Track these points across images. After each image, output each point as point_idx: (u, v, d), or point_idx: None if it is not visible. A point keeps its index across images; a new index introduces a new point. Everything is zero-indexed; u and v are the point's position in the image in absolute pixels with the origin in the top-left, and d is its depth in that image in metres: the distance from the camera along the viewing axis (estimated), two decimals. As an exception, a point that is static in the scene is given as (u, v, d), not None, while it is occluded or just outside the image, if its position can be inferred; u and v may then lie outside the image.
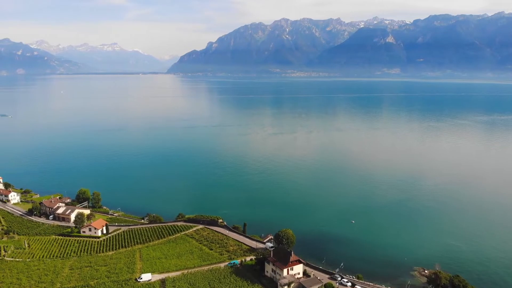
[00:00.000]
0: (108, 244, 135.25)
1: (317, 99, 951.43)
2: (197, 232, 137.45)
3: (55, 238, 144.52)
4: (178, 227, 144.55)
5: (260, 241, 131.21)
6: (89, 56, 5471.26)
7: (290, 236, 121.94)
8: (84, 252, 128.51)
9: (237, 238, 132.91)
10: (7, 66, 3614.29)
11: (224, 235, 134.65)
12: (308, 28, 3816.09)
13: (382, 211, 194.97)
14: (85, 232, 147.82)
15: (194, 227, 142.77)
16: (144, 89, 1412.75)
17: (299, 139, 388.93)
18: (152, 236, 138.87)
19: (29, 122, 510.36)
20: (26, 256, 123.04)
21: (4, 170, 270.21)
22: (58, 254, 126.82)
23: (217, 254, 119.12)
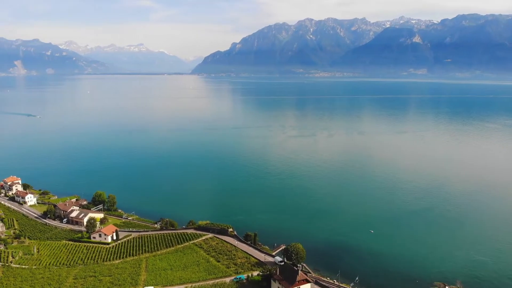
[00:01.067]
0: (116, 252, 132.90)
1: (340, 100, 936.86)
2: (206, 242, 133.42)
3: (65, 243, 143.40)
4: (188, 235, 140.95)
5: (269, 254, 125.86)
6: (116, 57, 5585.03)
7: (299, 251, 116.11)
8: (91, 259, 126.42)
9: (246, 249, 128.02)
10: (37, 66, 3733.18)
11: (233, 245, 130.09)
12: (332, 28, 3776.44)
13: (403, 221, 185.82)
14: (95, 238, 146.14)
15: (203, 236, 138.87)
16: (167, 89, 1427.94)
17: (319, 142, 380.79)
18: (160, 244, 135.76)
19: (55, 123, 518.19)
20: (33, 263, 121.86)
21: (25, 170, 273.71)
22: (65, 261, 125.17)
23: (223, 267, 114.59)
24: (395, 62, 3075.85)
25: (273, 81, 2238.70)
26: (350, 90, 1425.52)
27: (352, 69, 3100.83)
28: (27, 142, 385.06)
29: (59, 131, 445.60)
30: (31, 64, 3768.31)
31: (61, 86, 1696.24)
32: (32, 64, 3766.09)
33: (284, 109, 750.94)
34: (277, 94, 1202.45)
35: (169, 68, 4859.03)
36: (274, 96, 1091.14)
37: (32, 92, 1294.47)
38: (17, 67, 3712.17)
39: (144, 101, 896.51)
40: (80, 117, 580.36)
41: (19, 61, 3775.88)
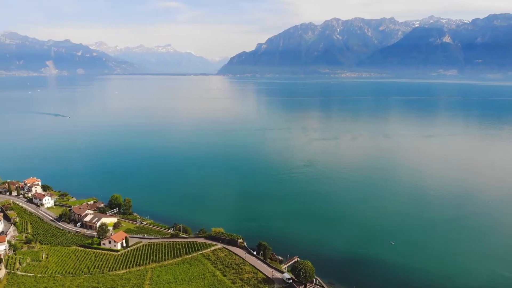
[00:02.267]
0: (123, 260, 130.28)
1: (366, 102, 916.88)
2: (214, 253, 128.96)
3: (75, 249, 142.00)
4: (197, 245, 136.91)
5: (278, 270, 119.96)
6: (145, 58, 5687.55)
7: (308, 269, 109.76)
8: (97, 268, 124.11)
9: (254, 263, 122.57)
10: (68, 66, 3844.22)
11: (241, 258, 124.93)
12: (360, 28, 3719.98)
13: (427, 232, 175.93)
14: (105, 245, 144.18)
15: (212, 246, 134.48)
16: (192, 90, 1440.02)
17: (341, 146, 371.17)
18: (169, 254, 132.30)
19: (83, 123, 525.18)
20: (39, 270, 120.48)
21: (47, 171, 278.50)
22: (71, 269, 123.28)
23: (229, 282, 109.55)
24: (424, 62, 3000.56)
25: (298, 82, 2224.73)
26: (377, 91, 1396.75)
27: (379, 69, 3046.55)
28: (54, 142, 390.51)
29: (85, 132, 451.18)
30: (62, 64, 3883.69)
31: (91, 86, 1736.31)
32: (63, 64, 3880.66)
33: (307, 110, 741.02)
34: (301, 95, 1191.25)
35: (196, 69, 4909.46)
36: (298, 97, 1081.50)
37: (62, 92, 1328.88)
38: (48, 67, 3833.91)
39: (168, 102, 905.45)
40: (106, 117, 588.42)
41: (51, 61, 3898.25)
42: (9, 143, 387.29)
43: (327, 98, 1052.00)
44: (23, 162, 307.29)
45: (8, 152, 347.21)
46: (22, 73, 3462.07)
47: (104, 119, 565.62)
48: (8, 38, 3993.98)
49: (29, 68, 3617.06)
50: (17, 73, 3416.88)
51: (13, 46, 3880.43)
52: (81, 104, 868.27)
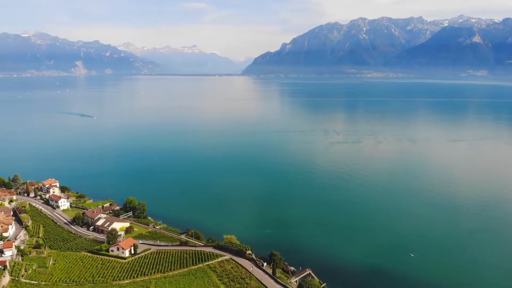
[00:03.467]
0: (129, 269, 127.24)
1: (393, 103, 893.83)
2: (221, 265, 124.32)
3: (83, 255, 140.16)
4: (205, 255, 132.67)
5: (285, 286, 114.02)
6: (171, 58, 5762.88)
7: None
8: (102, 277, 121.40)
9: (261, 277, 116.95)
10: (96, 67, 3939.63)
11: (248, 271, 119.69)
12: (386, 27, 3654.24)
13: (452, 245, 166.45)
14: (113, 251, 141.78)
15: (220, 257, 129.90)
16: (216, 90, 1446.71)
17: (363, 150, 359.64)
18: (175, 264, 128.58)
19: (109, 124, 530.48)
20: (44, 277, 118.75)
21: (67, 172, 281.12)
22: (76, 277, 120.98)
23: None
24: (453, 63, 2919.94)
25: (323, 82, 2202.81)
26: (404, 91, 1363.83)
27: (407, 69, 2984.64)
28: (78, 143, 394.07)
29: (110, 133, 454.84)
30: (91, 64, 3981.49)
31: (118, 86, 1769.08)
32: (92, 65, 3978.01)
33: (330, 112, 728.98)
34: (325, 95, 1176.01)
35: (220, 69, 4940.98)
36: (322, 98, 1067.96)
37: (91, 92, 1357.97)
38: (78, 67, 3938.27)
39: (191, 102, 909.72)
40: (131, 118, 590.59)
41: (80, 61, 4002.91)
42: (33, 143, 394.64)
43: (352, 99, 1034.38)
44: (45, 163, 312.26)
45: (32, 152, 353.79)
46: (53, 73, 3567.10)
47: (129, 120, 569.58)
48: (39, 39, 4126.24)
49: (59, 68, 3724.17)
50: (47, 73, 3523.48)
51: (44, 47, 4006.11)
52: (108, 104, 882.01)
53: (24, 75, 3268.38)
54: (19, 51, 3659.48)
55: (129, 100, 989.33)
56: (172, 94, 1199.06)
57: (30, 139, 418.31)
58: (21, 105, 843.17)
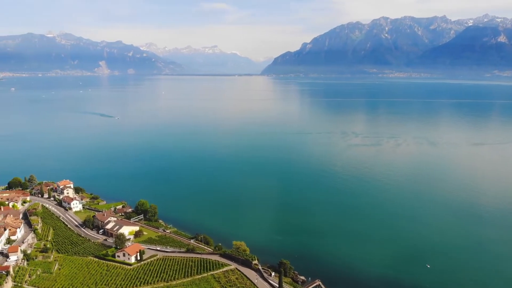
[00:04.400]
0: (133, 277, 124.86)
1: (415, 104, 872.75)
2: (225, 275, 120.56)
3: (90, 260, 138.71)
4: (210, 264, 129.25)
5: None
6: (192, 58, 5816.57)
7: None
8: (105, 284, 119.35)
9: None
10: (119, 66, 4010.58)
11: (252, 283, 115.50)
12: (409, 27, 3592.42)
13: (472, 255, 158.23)
14: (119, 257, 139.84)
15: (225, 267, 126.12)
16: (234, 91, 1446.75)
17: (382, 153, 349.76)
18: (179, 272, 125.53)
19: (129, 125, 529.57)
20: (47, 284, 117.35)
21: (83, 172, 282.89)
22: (80, 283, 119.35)
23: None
24: (478, 63, 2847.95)
25: (343, 82, 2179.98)
26: (427, 92, 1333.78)
27: (430, 69, 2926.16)
28: (97, 143, 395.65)
29: (130, 134, 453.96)
30: (114, 64, 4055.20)
31: (140, 86, 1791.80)
32: (115, 64, 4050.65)
33: (350, 113, 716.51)
34: (345, 96, 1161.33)
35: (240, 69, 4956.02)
36: (342, 98, 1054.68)
37: (113, 92, 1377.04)
38: (101, 67, 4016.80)
39: (209, 103, 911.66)
40: (151, 119, 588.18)
41: (103, 61, 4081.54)
42: (52, 143, 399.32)
43: (372, 100, 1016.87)
44: (62, 163, 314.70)
45: (50, 152, 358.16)
46: (77, 72, 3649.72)
47: (148, 121, 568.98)
48: (63, 39, 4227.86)
49: (83, 67, 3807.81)
50: (71, 73, 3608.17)
51: (68, 47, 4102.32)
52: (129, 104, 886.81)
53: (49, 74, 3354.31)
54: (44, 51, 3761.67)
55: (150, 100, 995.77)
56: (192, 95, 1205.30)
57: (50, 138, 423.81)
58: (44, 104, 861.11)
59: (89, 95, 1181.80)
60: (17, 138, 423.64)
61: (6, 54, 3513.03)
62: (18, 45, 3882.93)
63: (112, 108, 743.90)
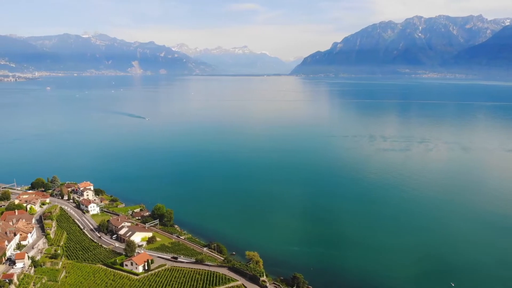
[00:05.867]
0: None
1: (448, 106, 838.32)
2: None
3: (98, 268, 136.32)
4: (217, 278, 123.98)
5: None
6: (222, 59, 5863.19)
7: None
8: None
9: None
10: (151, 67, 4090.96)
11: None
12: (444, 26, 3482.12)
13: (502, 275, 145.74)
14: (127, 266, 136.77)
15: (232, 282, 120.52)
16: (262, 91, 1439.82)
17: (410, 159, 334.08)
18: (185, 285, 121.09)
19: (158, 126, 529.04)
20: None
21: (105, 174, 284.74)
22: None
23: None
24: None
25: (375, 82, 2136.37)
26: (462, 94, 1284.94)
27: (465, 70, 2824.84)
28: (124, 145, 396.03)
29: (157, 136, 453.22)
30: (147, 64, 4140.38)
31: (171, 86, 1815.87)
32: (148, 65, 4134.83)
33: (380, 115, 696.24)
34: (376, 97, 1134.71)
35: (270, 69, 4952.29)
36: (372, 100, 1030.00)
37: (144, 92, 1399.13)
38: (134, 67, 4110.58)
39: (236, 103, 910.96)
40: (179, 121, 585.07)
41: (136, 61, 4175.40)
42: (79, 143, 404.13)
43: (404, 101, 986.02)
44: (87, 164, 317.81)
45: (76, 152, 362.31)
46: (110, 72, 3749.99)
47: (176, 122, 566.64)
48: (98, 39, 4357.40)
49: (116, 67, 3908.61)
50: (105, 72, 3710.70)
51: (102, 47, 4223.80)
52: (160, 105, 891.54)
53: (84, 74, 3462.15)
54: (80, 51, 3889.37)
55: (180, 101, 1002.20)
56: (220, 95, 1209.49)
57: (77, 139, 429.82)
58: (77, 103, 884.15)
59: (121, 95, 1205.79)
60: (46, 137, 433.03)
61: (43, 54, 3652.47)
62: (54, 45, 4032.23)
63: (143, 108, 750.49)
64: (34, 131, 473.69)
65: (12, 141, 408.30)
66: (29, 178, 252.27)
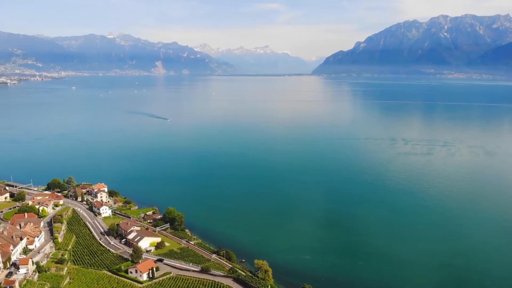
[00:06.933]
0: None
1: (474, 108, 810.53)
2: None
3: (102, 274, 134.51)
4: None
5: None
6: (243, 59, 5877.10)
7: None
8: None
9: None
10: (174, 67, 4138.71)
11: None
12: (470, 25, 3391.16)
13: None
14: (131, 273, 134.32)
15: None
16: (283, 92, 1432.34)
17: (431, 163, 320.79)
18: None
19: (179, 127, 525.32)
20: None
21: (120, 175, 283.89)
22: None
23: None
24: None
25: (398, 82, 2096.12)
26: (488, 95, 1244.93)
27: (492, 70, 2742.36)
28: (142, 146, 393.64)
29: (178, 137, 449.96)
30: (170, 64, 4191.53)
31: (194, 86, 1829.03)
32: (171, 65, 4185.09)
33: (402, 117, 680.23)
34: (399, 97, 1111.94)
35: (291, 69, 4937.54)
36: (395, 100, 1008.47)
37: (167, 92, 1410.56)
38: (157, 67, 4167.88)
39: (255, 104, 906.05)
40: (199, 122, 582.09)
41: (160, 62, 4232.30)
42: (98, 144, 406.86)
43: (428, 103, 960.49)
44: (104, 165, 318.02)
45: (94, 152, 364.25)
46: (134, 72, 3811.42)
47: (196, 124, 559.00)
48: (123, 40, 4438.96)
49: (140, 67, 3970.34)
50: (130, 72, 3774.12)
51: (127, 47, 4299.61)
52: (182, 105, 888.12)
53: (108, 74, 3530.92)
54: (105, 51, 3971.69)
55: (201, 101, 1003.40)
56: (240, 95, 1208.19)
57: (97, 139, 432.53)
58: (100, 103, 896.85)
59: (143, 95, 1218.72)
60: (66, 137, 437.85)
61: (69, 54, 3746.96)
62: (80, 45, 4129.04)
63: (165, 109, 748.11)
64: (55, 131, 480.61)
65: (33, 141, 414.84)
66: (46, 178, 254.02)
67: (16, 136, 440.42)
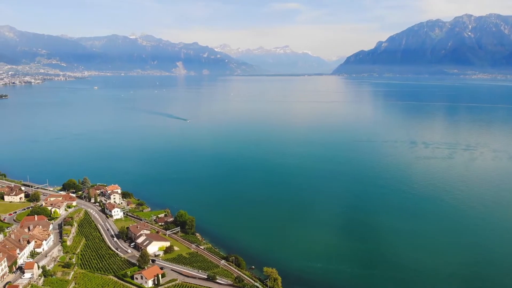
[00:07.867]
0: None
1: (499, 111, 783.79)
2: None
3: (108, 280, 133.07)
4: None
5: None
6: (263, 59, 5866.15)
7: None
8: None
9: None
10: (194, 67, 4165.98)
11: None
12: (495, 25, 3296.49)
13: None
14: (137, 279, 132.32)
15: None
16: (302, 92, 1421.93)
17: (452, 168, 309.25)
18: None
19: (198, 129, 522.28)
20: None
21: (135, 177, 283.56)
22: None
23: None
24: None
25: (421, 83, 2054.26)
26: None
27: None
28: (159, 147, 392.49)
29: (196, 138, 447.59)
30: (190, 65, 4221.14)
31: (214, 87, 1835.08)
32: (191, 65, 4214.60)
33: (423, 118, 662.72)
34: (421, 98, 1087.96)
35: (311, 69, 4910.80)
36: (417, 102, 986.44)
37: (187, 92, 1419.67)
38: (178, 67, 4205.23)
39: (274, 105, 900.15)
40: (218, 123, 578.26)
41: (180, 62, 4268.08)
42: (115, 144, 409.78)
43: (451, 104, 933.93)
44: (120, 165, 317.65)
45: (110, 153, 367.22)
46: (156, 72, 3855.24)
47: (215, 125, 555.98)
48: (144, 40, 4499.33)
49: (161, 68, 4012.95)
50: (151, 72, 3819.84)
51: (148, 48, 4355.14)
52: (202, 106, 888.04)
53: (130, 73, 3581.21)
54: (127, 52, 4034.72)
55: (220, 102, 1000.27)
56: (258, 96, 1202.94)
57: (115, 139, 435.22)
58: (121, 103, 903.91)
59: (164, 95, 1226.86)
60: (85, 137, 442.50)
61: (92, 54, 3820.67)
62: (103, 45, 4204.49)
63: (184, 110, 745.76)
64: (75, 130, 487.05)
65: (52, 141, 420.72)
66: (62, 178, 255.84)
67: (37, 136, 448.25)
